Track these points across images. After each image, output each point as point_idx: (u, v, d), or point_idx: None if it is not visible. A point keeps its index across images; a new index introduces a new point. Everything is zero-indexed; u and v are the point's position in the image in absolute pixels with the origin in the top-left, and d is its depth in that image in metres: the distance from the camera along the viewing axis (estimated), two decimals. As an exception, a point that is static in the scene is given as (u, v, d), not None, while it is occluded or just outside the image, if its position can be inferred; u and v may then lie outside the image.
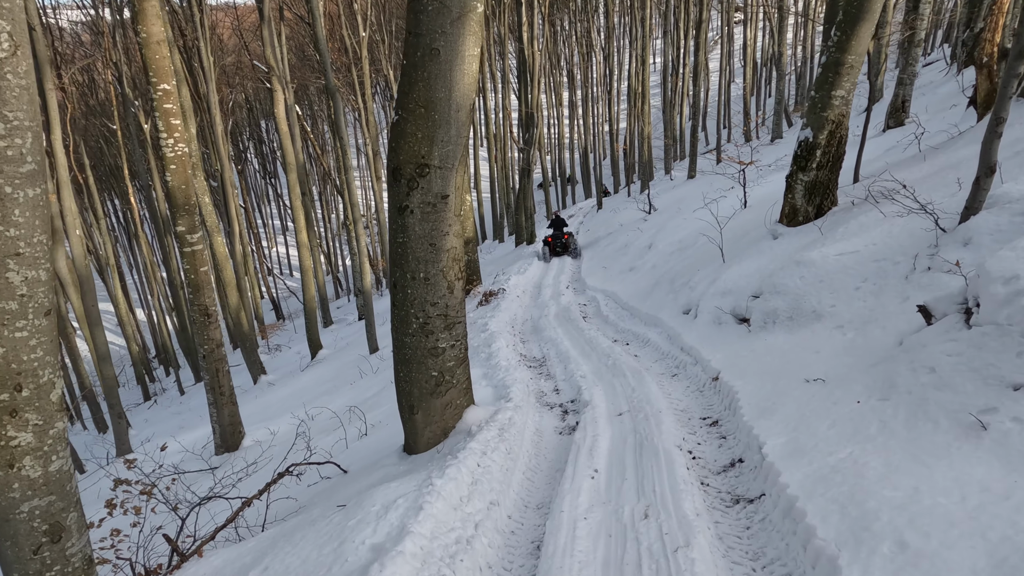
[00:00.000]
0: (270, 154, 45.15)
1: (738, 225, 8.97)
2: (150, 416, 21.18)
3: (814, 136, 6.94)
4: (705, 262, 8.29)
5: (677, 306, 7.51)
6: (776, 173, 13.31)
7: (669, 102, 31.21)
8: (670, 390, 5.28)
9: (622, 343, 7.51)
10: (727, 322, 6.05)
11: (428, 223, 4.08)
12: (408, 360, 4.39)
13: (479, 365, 6.96)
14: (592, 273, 13.63)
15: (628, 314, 9.06)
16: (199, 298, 8.22)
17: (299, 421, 9.43)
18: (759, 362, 4.84)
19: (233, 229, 19.73)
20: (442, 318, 4.30)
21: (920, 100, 16.76)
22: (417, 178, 3.99)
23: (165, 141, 7.70)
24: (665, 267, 10.01)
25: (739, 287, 6.35)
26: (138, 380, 24.99)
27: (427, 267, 4.17)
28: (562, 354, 7.18)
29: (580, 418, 4.77)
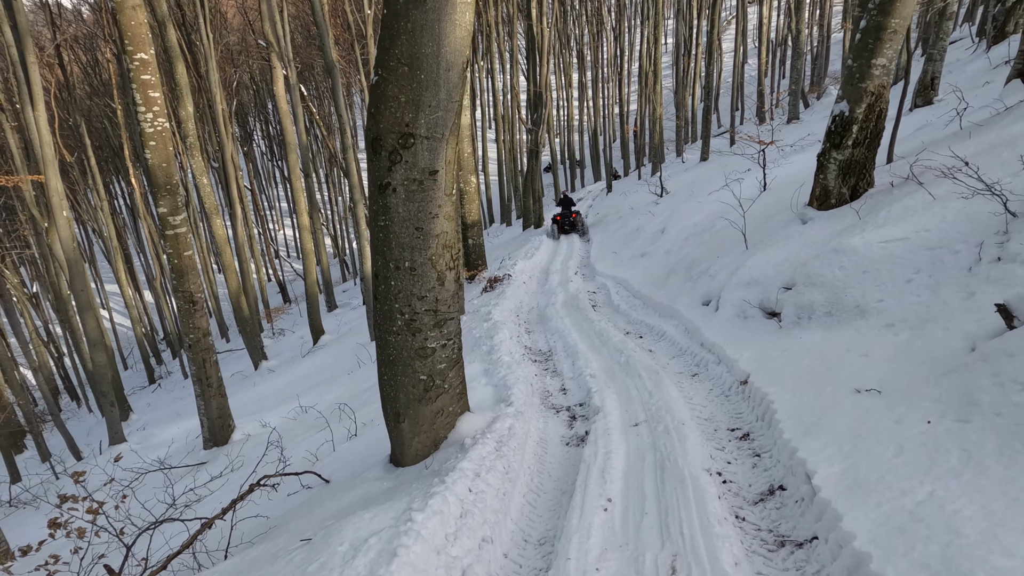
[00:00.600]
0: (277, 135, 44.43)
1: (759, 209, 8.27)
2: (153, 400, 20.80)
3: (850, 110, 6.22)
4: (725, 248, 7.61)
5: (695, 296, 6.85)
6: (797, 154, 12.54)
7: (681, 83, 30.22)
8: (691, 394, 4.64)
9: (635, 336, 6.87)
10: (754, 316, 5.40)
11: (413, 203, 3.44)
12: (392, 362, 3.78)
13: (480, 359, 6.35)
14: (602, 258, 12.97)
15: (641, 303, 8.40)
16: (183, 284, 7.64)
17: (293, 415, 8.91)
18: (795, 365, 4.19)
19: (235, 211, 19.13)
20: (431, 314, 3.68)
21: (947, 78, 15.87)
22: (400, 150, 3.35)
23: (143, 116, 7.07)
24: (680, 253, 9.34)
25: (767, 277, 5.69)
26: (144, 363, 24.63)
27: (413, 255, 3.54)
28: (570, 348, 6.56)
29: (590, 427, 4.15)
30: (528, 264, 13.69)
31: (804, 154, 12.21)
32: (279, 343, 20.34)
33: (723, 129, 34.67)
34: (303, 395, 10.06)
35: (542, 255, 15.37)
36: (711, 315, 6.09)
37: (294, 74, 19.46)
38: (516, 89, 25.57)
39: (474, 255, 13.87)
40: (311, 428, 7.58)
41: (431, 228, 3.51)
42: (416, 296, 3.61)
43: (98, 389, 11.22)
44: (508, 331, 7.53)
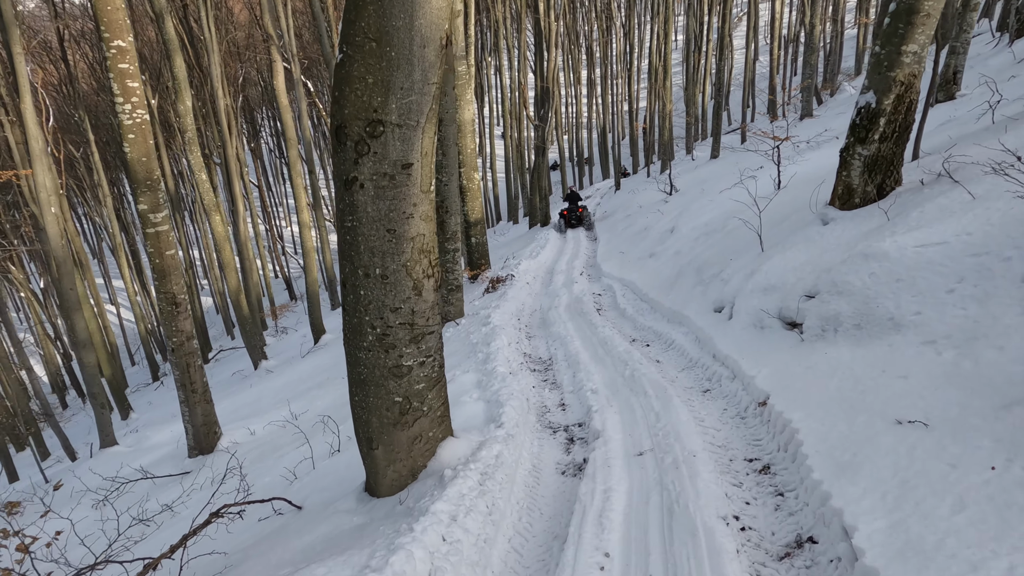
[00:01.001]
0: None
1: (775, 208, 7.73)
2: (155, 398, 20.48)
3: (878, 101, 5.69)
4: (739, 250, 7.08)
5: (706, 302, 6.34)
6: (813, 151, 11.97)
7: (691, 79, 29.56)
8: (703, 414, 4.14)
9: (641, 344, 6.36)
10: (772, 327, 4.88)
11: (384, 202, 2.96)
12: (364, 381, 3.30)
13: (474, 369, 5.86)
14: (608, 258, 12.45)
15: (648, 307, 7.89)
16: (165, 285, 7.20)
17: (282, 422, 8.47)
18: (821, 385, 3.68)
19: (237, 208, 18.74)
20: (407, 328, 3.20)
21: (968, 72, 15.22)
22: (368, 140, 2.87)
23: (121, 107, 6.63)
24: (690, 254, 8.81)
25: (785, 283, 5.17)
26: (148, 359, 24.36)
27: (384, 261, 3.06)
28: (571, 357, 6.06)
29: (589, 454, 3.66)
30: (532, 264, 13.20)
31: (820, 151, 11.64)
32: (282, 341, 19.96)
33: (734, 126, 33.99)
34: (297, 399, 9.62)
35: (547, 254, 14.87)
36: (724, 323, 5.57)
37: (298, 69, 19.02)
38: (524, 85, 25.05)
39: (477, 254, 13.40)
40: (298, 438, 7.14)
41: (405, 230, 3.03)
42: (389, 308, 3.13)
43: (89, 391, 10.83)
44: (507, 336, 7.05)
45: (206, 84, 19.11)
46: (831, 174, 7.90)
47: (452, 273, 8.95)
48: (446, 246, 8.84)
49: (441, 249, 8.88)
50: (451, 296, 9.05)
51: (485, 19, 32.77)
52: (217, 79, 17.71)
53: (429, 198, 3.11)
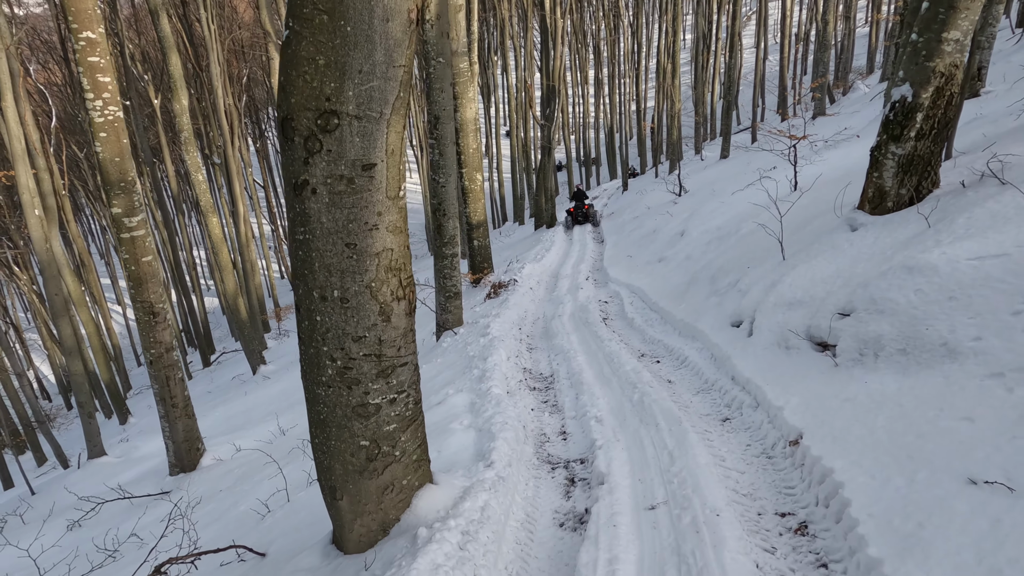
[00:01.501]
0: (292, 133, 43.63)
1: (794, 211, 7.13)
2: (153, 403, 20.06)
3: (914, 94, 5.09)
4: (756, 257, 6.50)
5: (723, 315, 5.76)
6: (831, 150, 11.34)
7: (700, 78, 28.89)
8: (723, 451, 3.57)
9: (651, 360, 5.80)
10: (799, 347, 4.30)
11: (341, 210, 2.41)
12: (324, 422, 2.76)
13: (468, 388, 5.31)
14: (615, 262, 11.88)
15: (658, 318, 7.32)
16: (142, 294, 6.69)
17: (270, 437, 7.96)
18: (866, 424, 3.10)
19: (238, 209, 18.29)
20: (373, 360, 2.65)
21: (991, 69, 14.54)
22: (319, 135, 2.32)
23: (92, 103, 6.13)
24: (702, 259, 8.23)
25: (813, 297, 4.59)
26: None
27: (344, 281, 2.51)
28: (574, 374, 5.50)
29: (592, 505, 3.10)
30: (537, 267, 12.65)
31: (839, 150, 11.02)
32: (283, 344, 19.49)
33: (744, 126, 33.33)
34: (288, 411, 9.10)
35: (552, 257, 14.32)
36: (743, 340, 4.99)
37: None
38: (530, 84, 24.48)
39: (479, 257, 12.85)
40: (283, 457, 6.62)
41: (368, 244, 2.48)
42: (351, 337, 2.59)
43: (77, 400, 10.37)
44: (506, 349, 6.50)
45: (207, 83, 18.66)
46: (856, 175, 7.30)
47: (450, 279, 8.40)
48: (444, 251, 8.30)
49: (439, 254, 8.34)
50: (449, 303, 8.51)
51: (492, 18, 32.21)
52: (217, 78, 17.26)
53: (398, 206, 2.56)
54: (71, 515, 7.34)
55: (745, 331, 5.13)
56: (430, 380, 6.46)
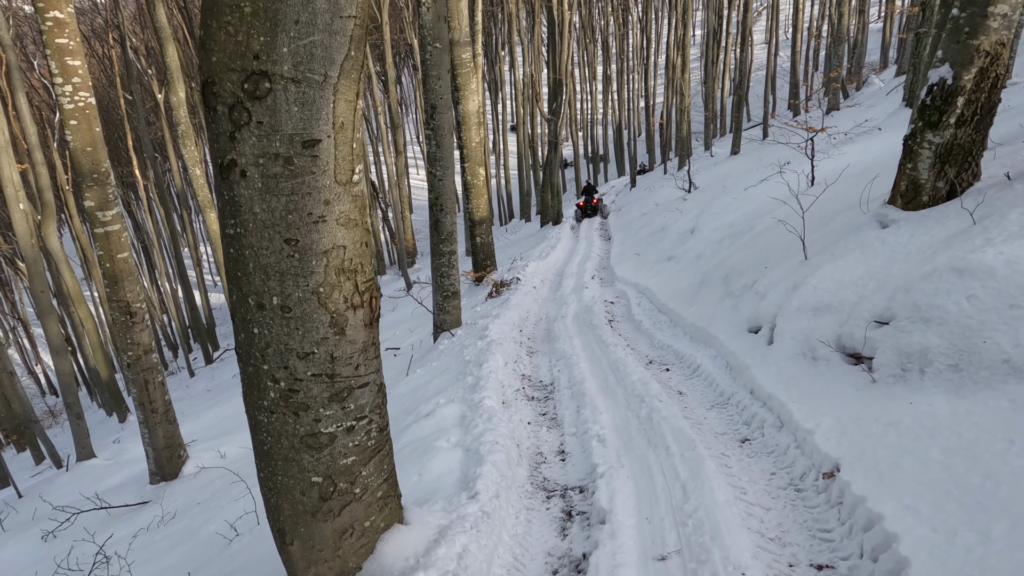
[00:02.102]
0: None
1: (814, 207, 6.59)
2: (155, 400, 19.73)
3: (955, 75, 4.55)
4: (774, 256, 5.97)
5: (739, 319, 5.24)
6: (850, 144, 10.75)
7: (709, 74, 28.23)
8: (744, 481, 3.07)
9: (659, 367, 5.29)
10: (828, 359, 3.79)
11: (278, 198, 1.93)
12: (268, 454, 2.29)
13: (460, 399, 4.83)
14: (622, 261, 11.36)
15: (667, 320, 6.81)
16: (118, 292, 6.25)
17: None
18: (916, 456, 2.59)
19: (239, 205, 17.87)
20: (324, 381, 2.17)
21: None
22: (247, 103, 1.84)
23: (61, 88, 5.67)
24: (714, 258, 7.71)
25: (843, 302, 4.07)
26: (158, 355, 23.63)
27: (284, 286, 2.03)
28: (576, 384, 5.01)
29: (591, 551, 2.60)
30: (541, 265, 12.15)
31: (856, 144, 10.44)
32: (285, 342, 19.06)
33: (754, 122, 32.67)
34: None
35: (558, 254, 13.81)
36: (762, 349, 4.48)
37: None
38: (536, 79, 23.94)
39: (482, 255, 12.36)
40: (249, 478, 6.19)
41: (313, 240, 2.00)
42: (296, 353, 2.10)
43: (64, 400, 9.98)
44: (504, 354, 6.01)
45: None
46: (881, 168, 6.76)
47: (448, 278, 7.92)
48: (441, 248, 7.81)
49: (436, 251, 7.86)
50: (447, 303, 8.02)
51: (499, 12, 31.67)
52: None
53: (352, 193, 2.07)
54: (48, 525, 6.92)
55: (764, 338, 4.61)
56: (422, 387, 5.98)
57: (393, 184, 23.38)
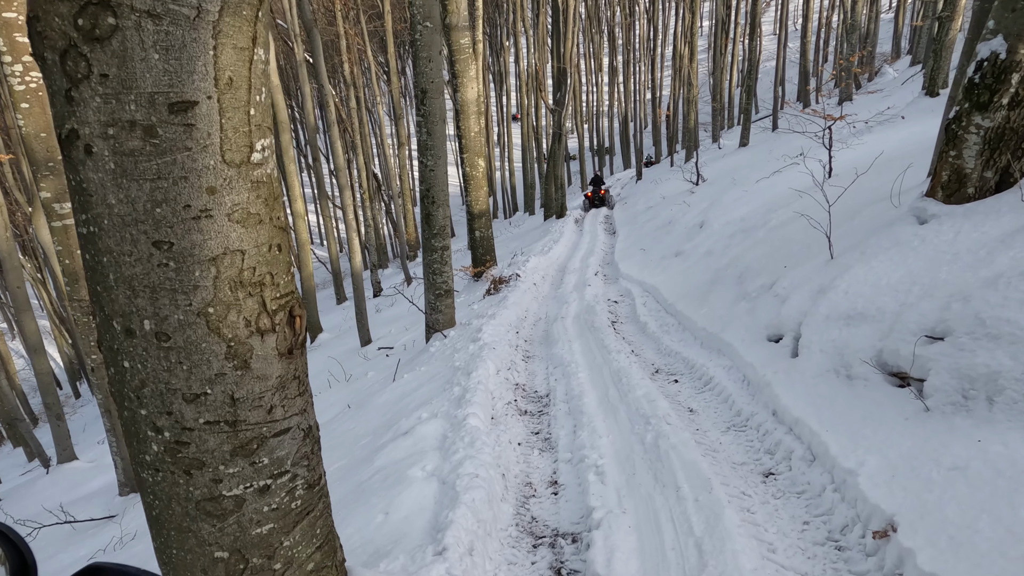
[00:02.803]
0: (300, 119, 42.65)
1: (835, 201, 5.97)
2: (151, 395, 19.29)
3: (1009, 49, 3.93)
4: (794, 254, 5.38)
5: (756, 325, 4.66)
6: (869, 133, 10.11)
7: (718, 64, 27.45)
8: (771, 533, 2.50)
9: (666, 377, 4.72)
10: (866, 378, 3.20)
11: (139, 185, 1.36)
12: (159, 520, 1.73)
13: (443, 414, 4.27)
14: (627, 256, 10.77)
15: (675, 323, 6.23)
16: (79, 291, 5.71)
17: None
18: (1001, 520, 2.01)
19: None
20: (223, 430, 1.61)
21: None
22: (83, 47, 1.27)
23: (10, 67, 5.12)
24: (726, 254, 7.11)
25: (882, 310, 3.48)
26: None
27: (159, 305, 1.46)
28: (573, 397, 4.44)
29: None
30: (543, 260, 11.57)
31: (878, 134, 9.79)
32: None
33: (762, 114, 31.89)
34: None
35: (560, 249, 13.22)
36: (786, 362, 3.90)
37: (300, 49, 17.55)
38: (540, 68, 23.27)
39: (481, 249, 11.79)
40: None
41: (195, 244, 1.43)
42: (181, 395, 1.54)
43: (44, 401, 9.51)
44: (497, 360, 5.45)
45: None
46: (912, 157, 6.15)
47: (440, 275, 7.35)
48: (433, 243, 7.25)
49: (427, 247, 7.30)
50: (439, 302, 7.46)
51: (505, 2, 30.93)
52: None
53: (251, 178, 1.50)
54: (13, 537, 6.41)
55: (787, 349, 4.03)
56: (407, 396, 5.44)
57: (395, 176, 22.80)
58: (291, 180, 13.66)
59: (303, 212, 13.88)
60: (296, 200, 13.71)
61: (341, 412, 6.38)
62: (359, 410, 5.94)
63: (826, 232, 4.77)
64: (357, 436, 5.06)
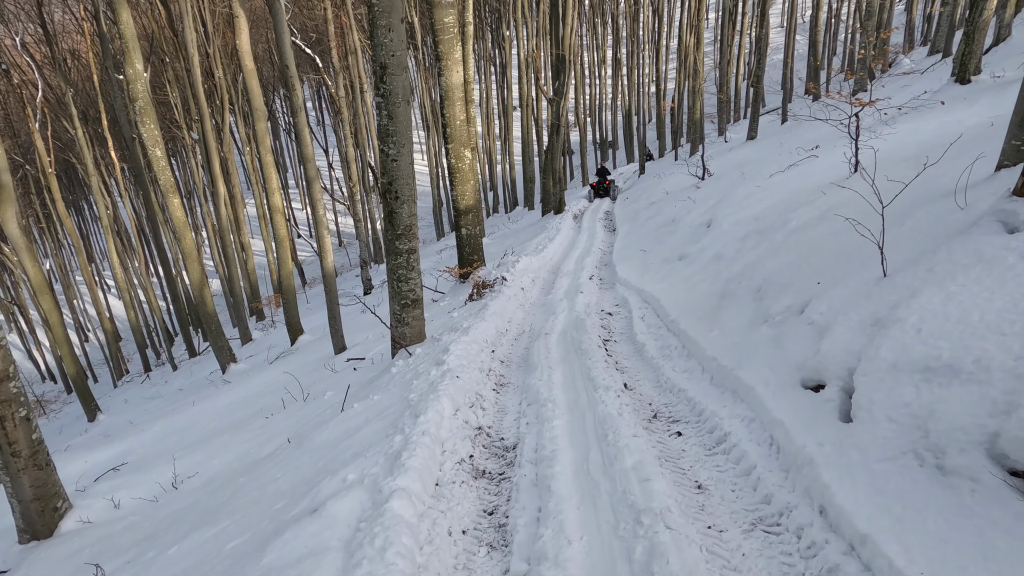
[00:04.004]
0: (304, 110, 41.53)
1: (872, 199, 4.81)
2: (131, 396, 18.30)
3: None
4: (830, 266, 4.22)
5: (784, 362, 3.51)
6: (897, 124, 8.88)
7: (724, 55, 26.10)
8: None
9: (666, 426, 3.60)
10: (973, 477, 2.06)
11: None
12: None
13: (369, 484, 3.15)
14: (626, 258, 9.62)
15: (678, 345, 5.08)
16: None
17: (169, 483, 5.94)
18: None
19: (218, 190, 16.27)
20: None
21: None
22: None
23: None
24: (738, 261, 5.96)
25: (984, 363, 2.33)
26: (140, 352, 22.25)
27: None
28: (544, 459, 3.30)
29: None
30: (535, 261, 10.43)
31: (908, 123, 8.57)
32: (269, 335, 17.53)
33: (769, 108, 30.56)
34: (204, 444, 7.07)
35: (555, 247, 12.08)
36: (834, 427, 2.75)
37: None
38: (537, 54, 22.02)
39: (468, 248, 10.66)
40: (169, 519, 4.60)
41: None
42: None
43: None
44: (460, 394, 4.34)
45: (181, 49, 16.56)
46: (966, 147, 4.98)
47: (406, 282, 6.23)
48: (396, 245, 6.12)
49: (390, 249, 6.17)
50: (406, 313, 6.34)
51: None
52: (192, 44, 15.14)
53: None
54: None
55: (833, 406, 2.88)
56: (345, 439, 4.33)
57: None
58: (268, 171, 12.54)
59: (281, 206, 12.77)
60: (273, 193, 12.60)
61: (280, 447, 5.28)
62: (297, 449, 4.84)
63: (878, 243, 3.60)
64: (278, 493, 3.96)
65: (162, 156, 12.07)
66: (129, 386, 20.76)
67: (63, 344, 14.87)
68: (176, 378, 17.85)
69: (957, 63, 11.55)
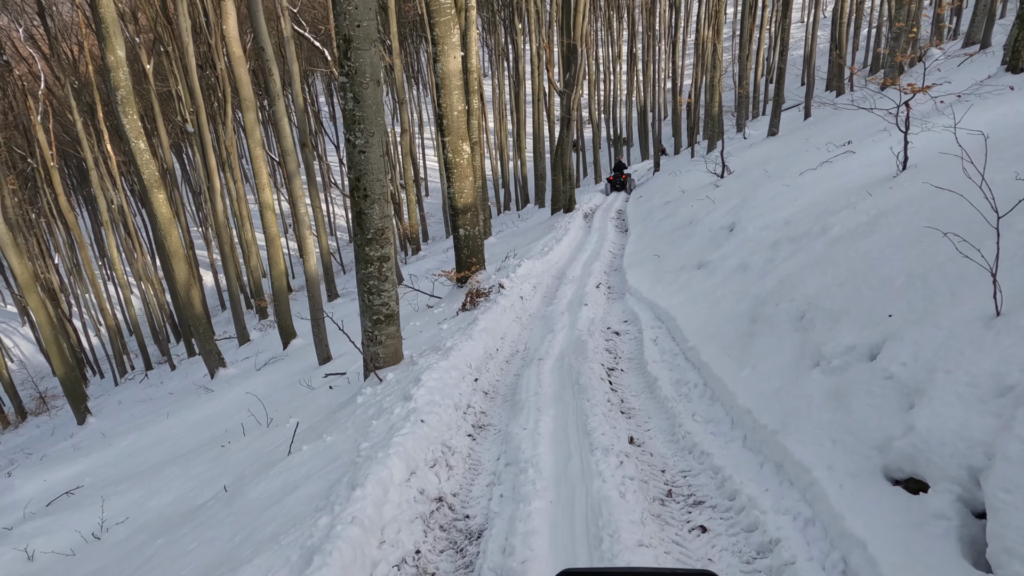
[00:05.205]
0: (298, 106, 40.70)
1: (936, 202, 3.72)
2: (125, 397, 17.56)
3: None
4: (902, 291, 3.15)
5: (852, 435, 2.47)
6: (959, 113, 7.70)
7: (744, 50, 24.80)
8: None
9: (684, 515, 2.59)
10: None
11: None
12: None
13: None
14: (638, 263, 8.56)
15: (699, 382, 4.04)
16: None
17: (98, 526, 5.01)
18: None
19: (214, 184, 15.43)
20: None
21: None
22: None
23: None
24: (770, 273, 4.90)
25: None
26: (141, 350, 21.56)
27: None
28: (512, 568, 2.31)
29: None
30: (538, 265, 9.40)
31: (977, 113, 7.40)
32: (267, 336, 16.69)
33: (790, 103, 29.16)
34: (152, 476, 6.15)
35: (562, 250, 11.04)
36: (951, 560, 1.73)
37: (288, 23, 15.54)
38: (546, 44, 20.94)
39: (467, 250, 9.68)
40: None
41: None
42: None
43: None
44: (418, 448, 3.35)
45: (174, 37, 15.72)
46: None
47: (378, 295, 5.24)
48: (367, 251, 5.14)
49: (360, 256, 5.20)
50: (379, 331, 5.36)
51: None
52: (186, 32, 14.27)
53: None
54: None
55: (945, 524, 1.84)
56: (268, 507, 3.36)
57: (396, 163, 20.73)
58: (257, 165, 11.63)
59: (271, 202, 11.86)
60: (263, 189, 11.69)
61: (216, 496, 4.33)
62: (227, 506, 3.88)
63: (990, 269, 2.52)
64: (177, 580, 3.01)
65: (145, 149, 11.21)
66: (129, 384, 20.08)
67: (51, 344, 14.13)
68: (172, 378, 17.09)
69: (1009, 50, 10.34)
